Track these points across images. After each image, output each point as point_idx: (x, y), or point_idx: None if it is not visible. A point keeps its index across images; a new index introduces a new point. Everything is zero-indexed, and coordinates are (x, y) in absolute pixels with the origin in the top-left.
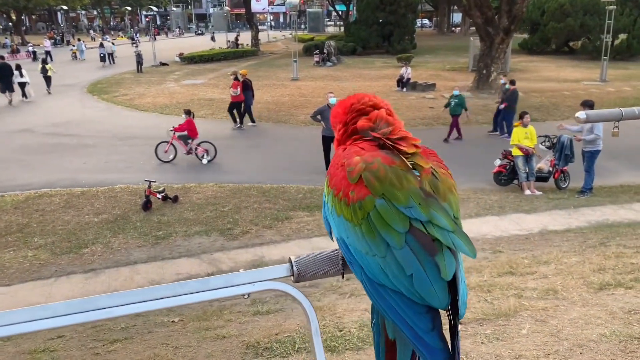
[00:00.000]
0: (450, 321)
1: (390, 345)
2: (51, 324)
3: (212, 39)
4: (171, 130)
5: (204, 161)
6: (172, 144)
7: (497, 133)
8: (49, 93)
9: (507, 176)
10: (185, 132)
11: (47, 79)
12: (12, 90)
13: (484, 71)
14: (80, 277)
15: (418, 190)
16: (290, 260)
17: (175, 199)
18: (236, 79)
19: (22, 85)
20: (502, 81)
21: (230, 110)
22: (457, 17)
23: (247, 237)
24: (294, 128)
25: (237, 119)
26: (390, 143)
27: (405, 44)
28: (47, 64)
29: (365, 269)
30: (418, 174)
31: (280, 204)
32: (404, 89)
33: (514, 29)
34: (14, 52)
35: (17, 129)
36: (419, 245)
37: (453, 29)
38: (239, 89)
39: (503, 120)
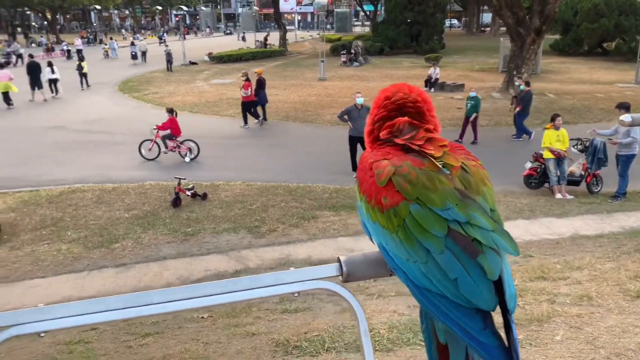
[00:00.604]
0: (503, 317)
1: (442, 349)
2: (106, 317)
3: (243, 38)
4: (154, 129)
5: (187, 159)
6: (155, 142)
7: (521, 137)
8: (88, 86)
9: (537, 179)
10: (168, 131)
11: (84, 75)
12: (40, 87)
13: (514, 72)
14: (112, 271)
15: (453, 190)
16: (339, 260)
17: (204, 197)
18: (247, 79)
19: (53, 81)
20: (516, 83)
21: (243, 110)
22: (486, 17)
23: (274, 235)
24: (320, 128)
25: (257, 118)
26: (416, 147)
27: (434, 44)
28: (83, 61)
29: (409, 275)
30: (448, 172)
31: (306, 203)
32: (432, 89)
33: (545, 29)
34: (49, 50)
35: (51, 126)
36: (460, 248)
37: (482, 29)
38: (249, 90)
39: (516, 123)
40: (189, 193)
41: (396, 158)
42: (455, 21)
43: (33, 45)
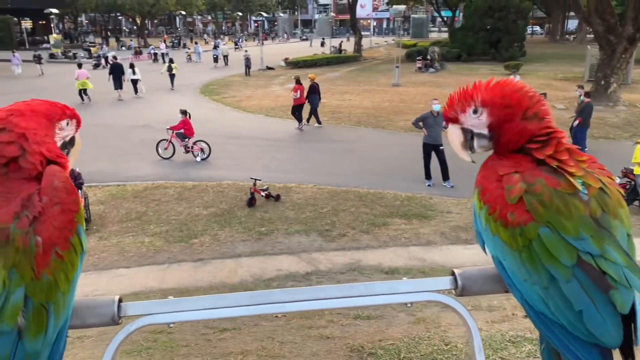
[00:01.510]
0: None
1: None
2: (232, 313)
3: (322, 44)
4: (169, 130)
5: (198, 159)
6: (170, 142)
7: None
8: (172, 89)
9: (626, 197)
10: (182, 131)
11: (172, 77)
12: (121, 87)
13: (602, 82)
14: (190, 265)
15: (589, 219)
16: (453, 273)
17: (277, 198)
18: (297, 82)
19: (135, 82)
20: (577, 92)
21: (293, 112)
22: (571, 24)
23: (344, 240)
24: (392, 134)
25: (302, 120)
26: (556, 163)
27: (514, 51)
28: (173, 62)
29: (525, 296)
30: (586, 193)
31: (377, 209)
32: None
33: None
34: (137, 53)
35: (136, 124)
36: (590, 280)
37: (567, 36)
38: (298, 93)
39: (574, 136)
40: (263, 194)
41: (528, 172)
42: (537, 28)
43: (123, 48)
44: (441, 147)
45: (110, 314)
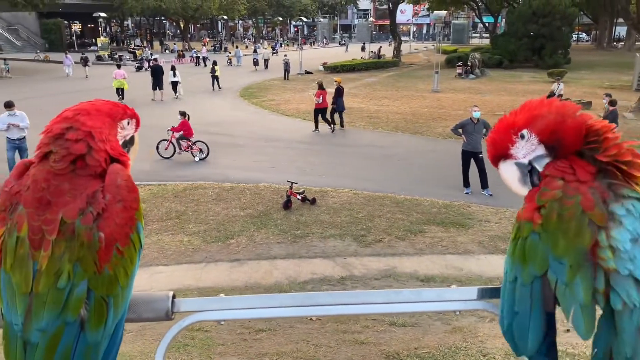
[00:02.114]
0: None
1: None
2: (279, 313)
3: (362, 49)
4: (169, 130)
5: (196, 159)
6: (171, 142)
7: None
8: (220, 88)
9: None
10: (181, 132)
11: (215, 78)
12: (162, 88)
13: None
14: (226, 265)
15: (583, 252)
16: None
17: (313, 201)
18: (320, 88)
19: (175, 83)
20: (604, 100)
21: (315, 116)
22: (619, 30)
23: (380, 245)
24: (430, 140)
25: (329, 124)
26: (621, 169)
27: (558, 58)
28: (216, 65)
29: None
30: None
31: (413, 216)
32: None
33: None
34: (180, 56)
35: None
36: (541, 296)
37: (615, 43)
38: (321, 98)
39: None
40: (299, 197)
41: (574, 183)
42: (583, 34)
43: (167, 51)
44: (480, 155)
45: (165, 309)
